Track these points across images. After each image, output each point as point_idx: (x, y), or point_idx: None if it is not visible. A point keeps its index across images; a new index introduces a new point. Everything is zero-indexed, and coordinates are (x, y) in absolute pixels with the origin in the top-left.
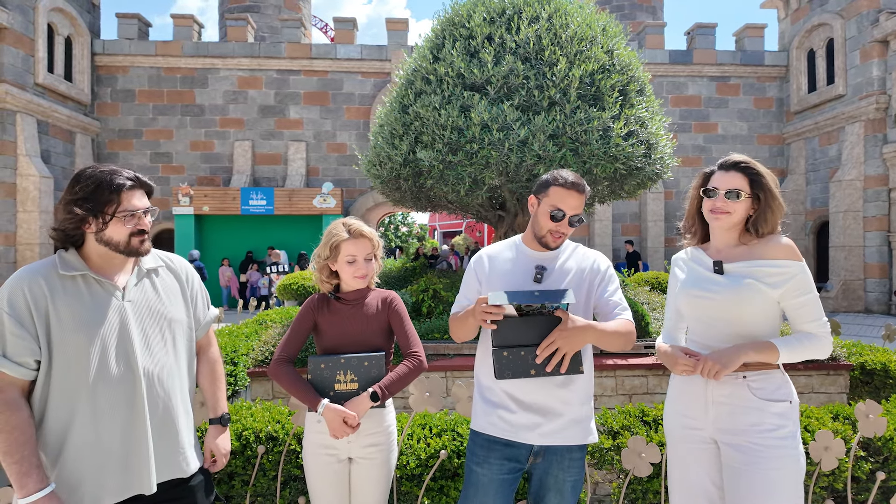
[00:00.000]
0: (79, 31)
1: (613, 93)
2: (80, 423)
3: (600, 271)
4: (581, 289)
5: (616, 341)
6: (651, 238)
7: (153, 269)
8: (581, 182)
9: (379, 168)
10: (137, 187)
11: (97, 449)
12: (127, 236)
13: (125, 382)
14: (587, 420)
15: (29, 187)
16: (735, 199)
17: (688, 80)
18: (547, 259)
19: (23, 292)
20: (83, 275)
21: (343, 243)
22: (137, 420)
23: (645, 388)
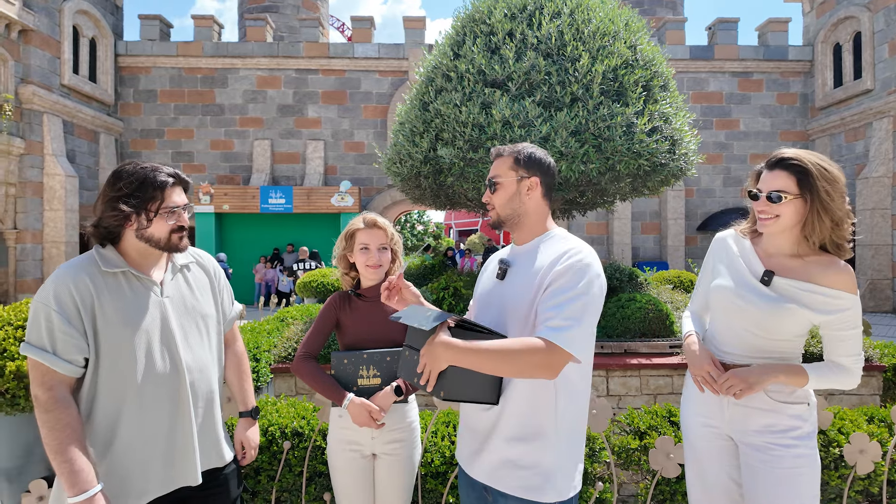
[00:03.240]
0: (103, 33)
1: (637, 88)
2: (127, 418)
3: (552, 271)
4: (528, 292)
5: (498, 364)
6: (671, 236)
7: (185, 265)
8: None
9: (399, 166)
10: (178, 184)
11: (143, 443)
12: (168, 233)
13: (170, 377)
14: (541, 473)
15: (55, 186)
16: (777, 203)
17: (709, 76)
18: (519, 254)
19: (69, 290)
20: (124, 271)
21: (358, 232)
22: (182, 414)
23: (670, 387)
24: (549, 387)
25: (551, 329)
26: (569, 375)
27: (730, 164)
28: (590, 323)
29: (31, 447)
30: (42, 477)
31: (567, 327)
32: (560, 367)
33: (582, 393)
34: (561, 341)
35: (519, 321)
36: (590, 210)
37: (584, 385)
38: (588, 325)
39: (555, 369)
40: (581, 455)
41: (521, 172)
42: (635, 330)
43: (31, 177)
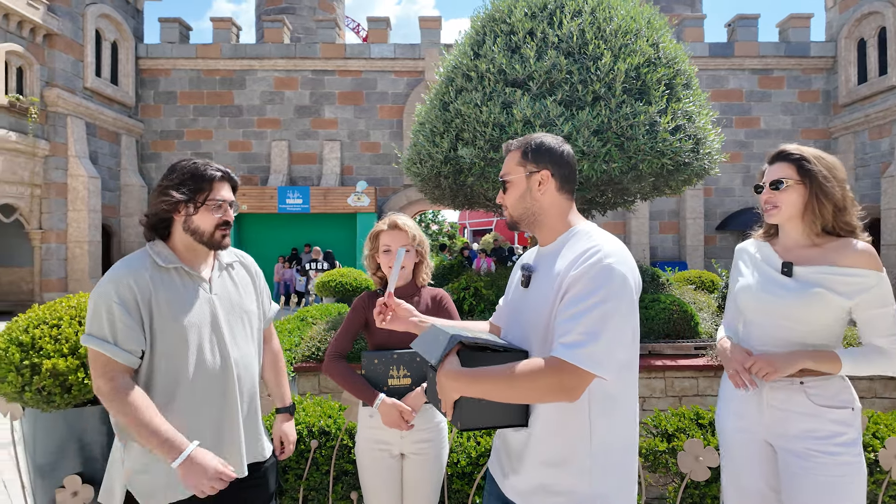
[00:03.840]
0: (124, 36)
1: (660, 87)
2: (178, 410)
3: (568, 275)
4: (547, 302)
5: (505, 391)
6: (690, 236)
7: (230, 264)
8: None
9: (419, 166)
10: (226, 180)
11: (193, 435)
12: (213, 227)
13: (220, 371)
14: (577, 501)
15: (78, 187)
16: (779, 190)
17: (728, 73)
18: (542, 256)
19: (129, 284)
20: (176, 268)
21: (381, 234)
22: (230, 407)
23: (695, 389)
24: (581, 406)
25: (564, 346)
26: (603, 393)
27: (749, 162)
28: (615, 333)
29: (65, 443)
30: (76, 472)
31: (583, 342)
32: (580, 389)
33: (624, 412)
34: (576, 359)
35: (539, 337)
36: (610, 209)
37: (627, 403)
38: (612, 336)
39: (573, 392)
40: (634, 476)
41: (529, 167)
42: (659, 331)
43: (56, 178)
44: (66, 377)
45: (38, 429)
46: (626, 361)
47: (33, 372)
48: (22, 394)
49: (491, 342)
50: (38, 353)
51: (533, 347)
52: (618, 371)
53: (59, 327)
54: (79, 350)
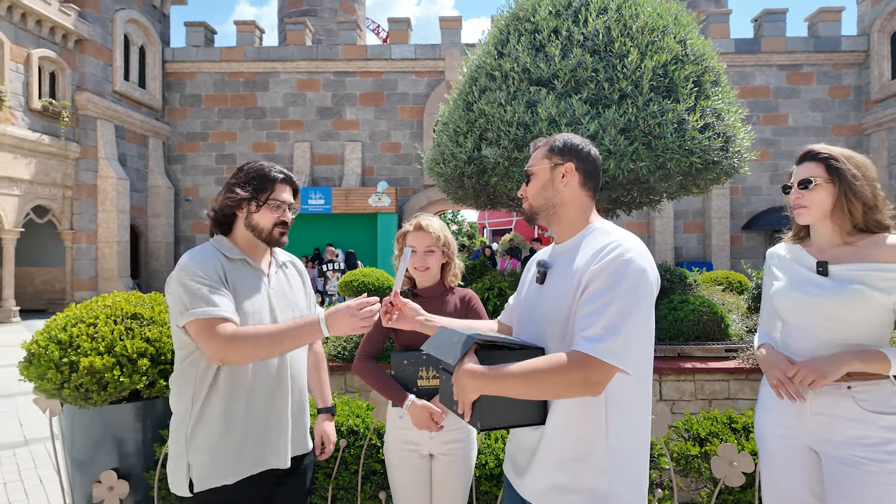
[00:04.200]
0: (151, 41)
1: (688, 84)
2: (239, 395)
3: (588, 270)
4: (565, 298)
5: (528, 387)
6: (715, 235)
7: (284, 263)
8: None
9: (442, 166)
10: (287, 183)
11: (245, 421)
12: (272, 225)
13: (276, 361)
14: (595, 500)
15: (108, 188)
16: (807, 189)
17: (755, 69)
18: (559, 253)
19: (212, 265)
20: (242, 259)
21: (407, 234)
22: (281, 397)
23: (726, 393)
24: (598, 403)
25: (587, 340)
26: (620, 390)
27: (777, 160)
28: (635, 328)
29: (102, 439)
30: (112, 468)
31: (605, 336)
32: (603, 383)
33: (641, 409)
34: (599, 352)
35: (557, 333)
36: (635, 209)
37: (643, 400)
38: (632, 331)
39: (597, 386)
40: (645, 480)
41: (554, 159)
42: (688, 333)
43: (86, 180)
44: (103, 375)
45: (77, 425)
46: (643, 357)
47: (71, 369)
48: (60, 390)
49: (506, 340)
50: (76, 350)
51: (549, 344)
52: (637, 365)
53: (95, 326)
54: (114, 349)
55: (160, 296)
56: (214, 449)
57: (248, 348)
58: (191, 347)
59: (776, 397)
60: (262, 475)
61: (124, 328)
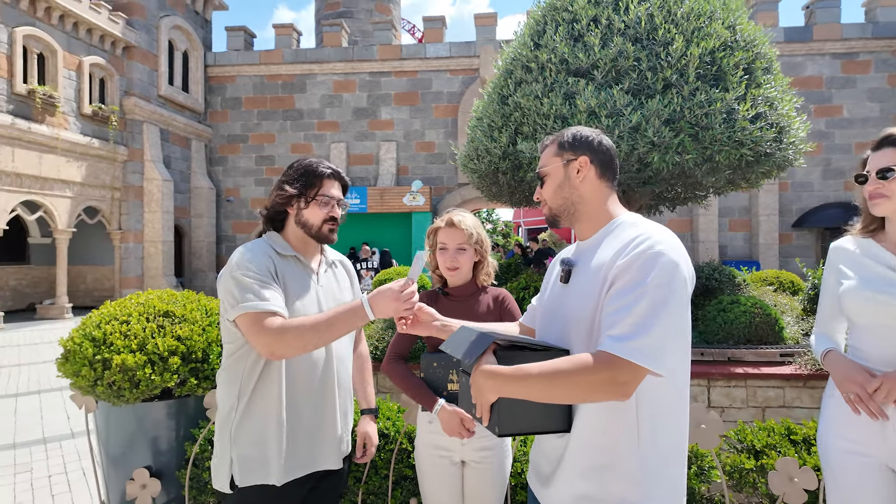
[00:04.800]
0: (194, 46)
1: (737, 71)
2: (285, 394)
3: (614, 266)
4: (590, 297)
5: (550, 389)
6: (763, 234)
7: (334, 262)
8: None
9: (476, 162)
10: (335, 179)
11: (295, 421)
12: (321, 221)
13: (323, 361)
14: None
15: (153, 190)
16: (887, 179)
17: (806, 59)
18: (583, 250)
19: (264, 260)
20: (294, 256)
21: (438, 231)
22: (329, 396)
23: (781, 400)
24: (627, 407)
25: (613, 339)
26: (654, 392)
27: (830, 154)
28: (668, 326)
29: (135, 436)
30: (145, 466)
31: (633, 335)
32: (632, 385)
33: (676, 413)
34: (626, 352)
35: (582, 334)
36: (679, 205)
37: (678, 404)
38: (664, 328)
39: (625, 388)
40: (682, 490)
41: (566, 155)
42: (739, 336)
43: (133, 181)
44: (135, 372)
45: (111, 422)
46: (677, 359)
47: (104, 367)
48: (94, 387)
49: (528, 341)
50: (109, 348)
51: (574, 346)
52: (671, 366)
53: (128, 323)
54: (146, 346)
55: (192, 294)
56: (259, 445)
57: (294, 340)
58: (240, 342)
59: (844, 409)
60: (306, 476)
61: (156, 326)
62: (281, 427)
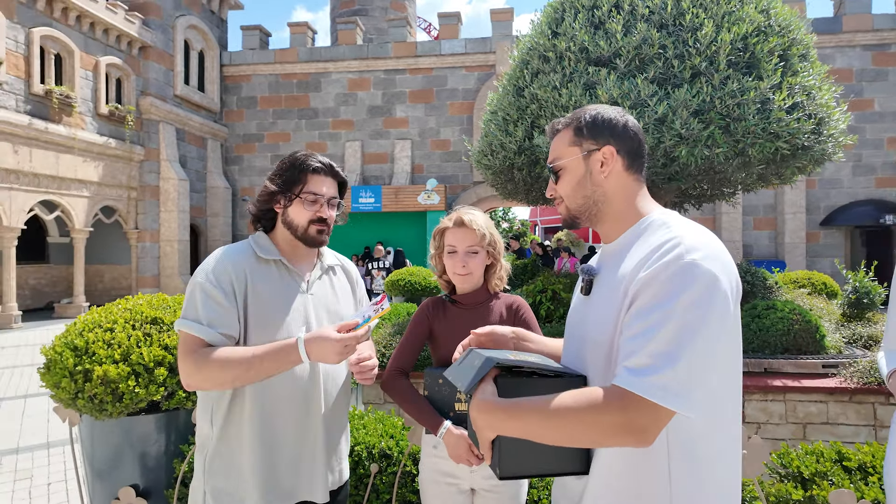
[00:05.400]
0: (209, 45)
1: (772, 58)
2: (264, 414)
3: (635, 279)
4: (609, 313)
5: (553, 431)
6: (789, 232)
7: (332, 267)
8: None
9: (491, 158)
10: (326, 174)
11: (273, 444)
12: (306, 222)
13: (306, 378)
14: None
15: (169, 189)
16: None
17: (835, 51)
18: (606, 256)
19: (227, 269)
20: (276, 260)
21: (446, 232)
22: (312, 419)
23: (824, 416)
24: (656, 446)
25: (630, 372)
26: (686, 432)
27: (861, 149)
28: (700, 355)
29: (121, 451)
30: (132, 483)
31: (654, 367)
32: (652, 431)
33: (720, 454)
34: (644, 389)
35: (601, 359)
36: (706, 202)
37: (722, 442)
38: (696, 358)
39: (644, 435)
40: None
41: (586, 145)
42: (776, 344)
43: (149, 181)
44: (118, 385)
45: (95, 436)
46: (719, 389)
47: (85, 378)
48: (75, 400)
49: (540, 366)
50: (91, 358)
51: (591, 373)
52: (708, 403)
53: (112, 331)
54: (130, 357)
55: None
56: (233, 477)
57: (215, 373)
58: None
59: None
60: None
61: (142, 334)
62: (255, 456)
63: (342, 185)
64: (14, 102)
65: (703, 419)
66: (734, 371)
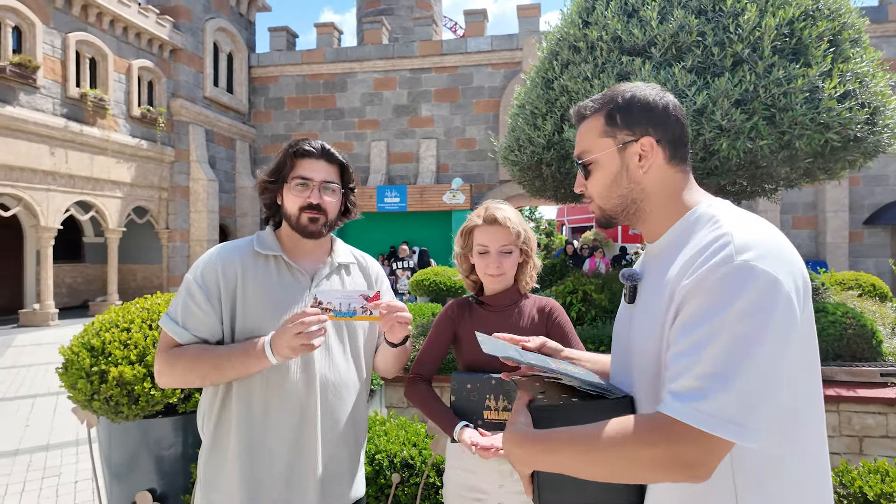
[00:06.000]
0: (238, 47)
1: (821, 44)
2: (254, 421)
3: (680, 285)
4: (653, 324)
5: (592, 467)
6: (831, 231)
7: (345, 265)
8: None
9: (518, 153)
10: (318, 157)
11: (265, 454)
12: (297, 209)
13: (301, 386)
14: None
15: (199, 190)
16: None
17: (881, 41)
18: (650, 257)
19: (216, 268)
20: (276, 256)
21: (476, 230)
22: (307, 432)
23: (883, 429)
24: (720, 478)
25: (675, 397)
26: (759, 456)
27: None
28: (764, 371)
29: (138, 453)
30: (149, 487)
31: (704, 391)
32: (708, 464)
33: (797, 486)
34: (693, 417)
35: (647, 375)
36: (745, 199)
37: (803, 472)
38: (759, 376)
39: (696, 470)
40: None
41: (620, 135)
42: (828, 351)
43: (180, 181)
44: (133, 387)
45: (113, 437)
46: (793, 408)
47: (101, 379)
48: (91, 402)
49: (583, 382)
50: (108, 358)
51: (640, 391)
52: (779, 427)
53: (129, 331)
54: (146, 358)
55: None
56: (224, 491)
57: (185, 372)
58: None
59: None
60: None
61: (158, 334)
62: (241, 468)
63: (343, 170)
64: (51, 106)
65: (777, 445)
66: (811, 384)
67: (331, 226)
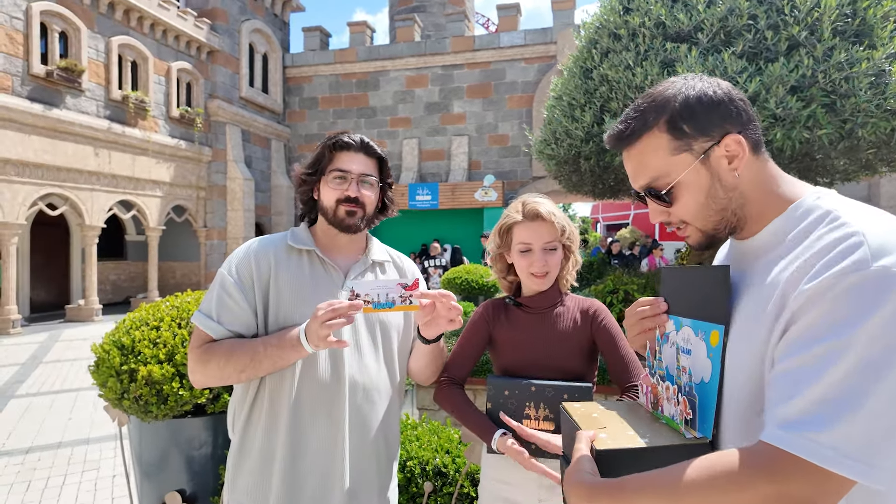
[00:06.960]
0: (273, 48)
1: (888, 24)
2: (284, 423)
3: (794, 294)
4: (750, 342)
5: None
6: None
7: (380, 263)
8: None
9: (555, 147)
10: (357, 150)
11: (294, 458)
12: (334, 202)
13: (329, 386)
14: None
15: (236, 189)
16: None
17: None
18: (741, 257)
19: (250, 262)
20: (309, 251)
21: (515, 227)
22: (335, 435)
23: None
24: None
25: (784, 426)
26: (885, 500)
27: None
28: (893, 403)
29: (169, 452)
30: (179, 487)
31: (822, 419)
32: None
33: None
34: (805, 449)
35: (739, 407)
36: None
37: None
38: (887, 408)
39: None
40: None
41: (698, 144)
42: None
43: (217, 181)
44: (162, 386)
45: (143, 436)
46: None
47: (131, 378)
48: (121, 401)
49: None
50: (137, 357)
51: (726, 428)
52: None
53: (158, 329)
54: (175, 357)
55: None
56: (252, 494)
57: (220, 366)
58: None
59: None
60: None
61: (187, 333)
62: (272, 475)
63: (382, 165)
64: (95, 108)
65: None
66: None
67: (368, 221)
